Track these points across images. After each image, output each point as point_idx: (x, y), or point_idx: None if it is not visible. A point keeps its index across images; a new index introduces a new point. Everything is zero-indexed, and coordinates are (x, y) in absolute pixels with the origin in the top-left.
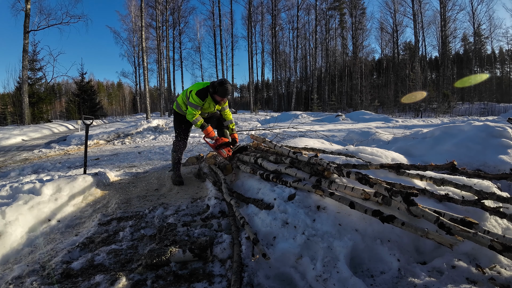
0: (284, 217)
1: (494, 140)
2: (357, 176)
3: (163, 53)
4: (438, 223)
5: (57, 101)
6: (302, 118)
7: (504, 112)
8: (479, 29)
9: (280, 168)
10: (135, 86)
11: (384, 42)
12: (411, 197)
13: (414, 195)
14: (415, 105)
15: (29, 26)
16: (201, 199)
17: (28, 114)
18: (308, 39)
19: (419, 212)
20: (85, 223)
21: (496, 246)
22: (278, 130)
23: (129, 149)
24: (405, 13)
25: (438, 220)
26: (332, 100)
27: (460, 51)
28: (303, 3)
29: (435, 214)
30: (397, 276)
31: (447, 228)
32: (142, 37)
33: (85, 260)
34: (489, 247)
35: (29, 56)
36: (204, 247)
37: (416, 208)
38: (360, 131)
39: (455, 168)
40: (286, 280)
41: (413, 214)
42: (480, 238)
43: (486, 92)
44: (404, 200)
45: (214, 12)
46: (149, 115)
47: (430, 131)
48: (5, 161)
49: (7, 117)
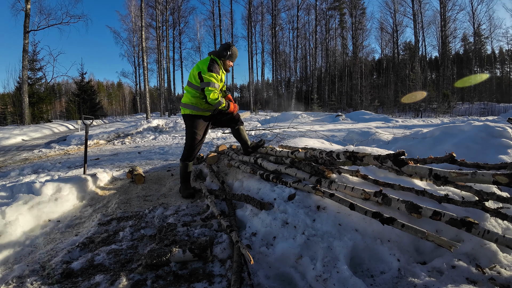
0: (284, 217)
1: (494, 140)
2: (345, 154)
3: (163, 53)
4: (433, 175)
5: (57, 101)
6: (302, 118)
7: (504, 112)
8: (479, 29)
9: (280, 168)
10: (135, 86)
11: (384, 42)
12: (400, 157)
13: (401, 154)
14: (415, 105)
15: (29, 26)
16: (201, 199)
17: (28, 114)
18: (308, 39)
19: (411, 170)
20: (85, 223)
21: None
22: (278, 130)
23: (129, 149)
24: (405, 13)
25: (431, 173)
26: (332, 100)
27: (460, 51)
28: (303, 3)
29: (427, 167)
30: (397, 276)
31: (443, 178)
32: (142, 37)
33: (85, 260)
34: (493, 183)
35: (29, 56)
36: (204, 247)
37: (407, 166)
38: (360, 131)
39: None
40: (286, 280)
41: (406, 174)
42: (480, 176)
43: (486, 92)
44: (394, 163)
45: (214, 12)
46: (149, 115)
47: (430, 131)
48: (5, 161)
49: (7, 117)
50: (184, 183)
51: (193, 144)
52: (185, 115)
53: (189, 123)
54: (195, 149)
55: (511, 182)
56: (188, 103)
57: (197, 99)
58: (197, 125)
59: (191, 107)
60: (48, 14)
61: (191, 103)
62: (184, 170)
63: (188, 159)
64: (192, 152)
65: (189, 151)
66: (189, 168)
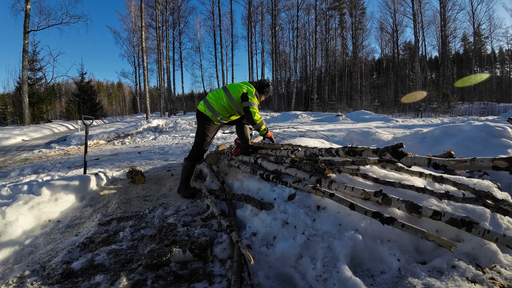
0: (284, 217)
1: (494, 139)
2: (344, 150)
3: (163, 53)
4: (432, 164)
5: (57, 101)
6: (302, 118)
7: (504, 112)
8: (479, 29)
9: (280, 168)
10: (135, 86)
11: (384, 42)
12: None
13: (400, 146)
14: (415, 105)
15: (29, 26)
16: (201, 199)
17: (28, 114)
18: (308, 39)
19: (410, 161)
20: (85, 223)
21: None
22: (278, 130)
23: (129, 149)
24: (405, 13)
25: (430, 162)
26: (332, 100)
27: (460, 51)
28: (303, 3)
29: (426, 157)
30: (397, 276)
31: (442, 167)
32: (142, 37)
33: (85, 260)
34: (492, 168)
35: (29, 56)
36: (204, 247)
37: (406, 158)
38: (360, 131)
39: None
40: (286, 280)
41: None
42: (479, 162)
43: (486, 92)
44: (393, 155)
45: (214, 12)
46: (149, 115)
47: (430, 131)
48: (5, 161)
49: (7, 117)
50: (184, 183)
51: (202, 145)
52: (204, 116)
53: (204, 124)
54: (204, 150)
55: (511, 166)
56: (213, 107)
57: (224, 110)
58: (209, 127)
59: (214, 113)
60: (48, 14)
61: (216, 110)
62: (189, 169)
63: (195, 159)
64: (201, 153)
65: (198, 151)
66: (192, 168)
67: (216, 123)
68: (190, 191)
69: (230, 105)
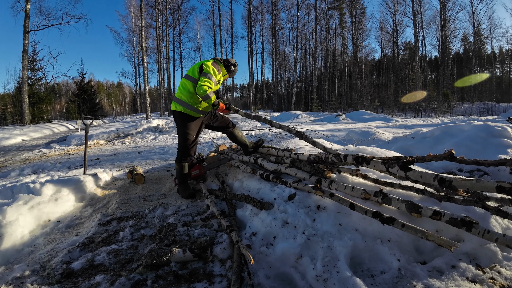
0: (284, 217)
1: (494, 139)
2: (353, 156)
3: (163, 53)
4: (438, 179)
5: (57, 101)
6: (302, 118)
7: (504, 111)
8: (479, 28)
9: (280, 168)
10: (135, 86)
11: (384, 42)
12: (409, 165)
13: (411, 163)
14: (415, 104)
15: (29, 26)
16: (201, 199)
17: (28, 114)
18: (308, 39)
19: (417, 175)
20: (85, 223)
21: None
22: (278, 130)
23: (129, 149)
24: (405, 12)
25: (437, 177)
26: (332, 100)
27: (460, 51)
28: (303, 3)
29: (433, 173)
30: (397, 275)
31: (447, 182)
32: (142, 37)
33: (85, 260)
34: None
35: (29, 56)
36: (204, 247)
37: (413, 172)
38: (360, 131)
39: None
40: (286, 280)
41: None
42: (485, 183)
43: (486, 91)
44: (401, 168)
45: (214, 12)
46: (149, 115)
47: (430, 131)
48: (5, 161)
49: (7, 117)
50: (182, 184)
51: (186, 145)
52: (176, 113)
53: (180, 123)
54: (189, 149)
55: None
56: (182, 99)
57: (193, 96)
58: (188, 125)
59: (184, 105)
60: (48, 14)
61: (185, 100)
62: (180, 171)
63: (183, 160)
64: (186, 153)
65: (183, 152)
66: (184, 169)
67: (193, 115)
68: (190, 191)
69: (192, 87)
